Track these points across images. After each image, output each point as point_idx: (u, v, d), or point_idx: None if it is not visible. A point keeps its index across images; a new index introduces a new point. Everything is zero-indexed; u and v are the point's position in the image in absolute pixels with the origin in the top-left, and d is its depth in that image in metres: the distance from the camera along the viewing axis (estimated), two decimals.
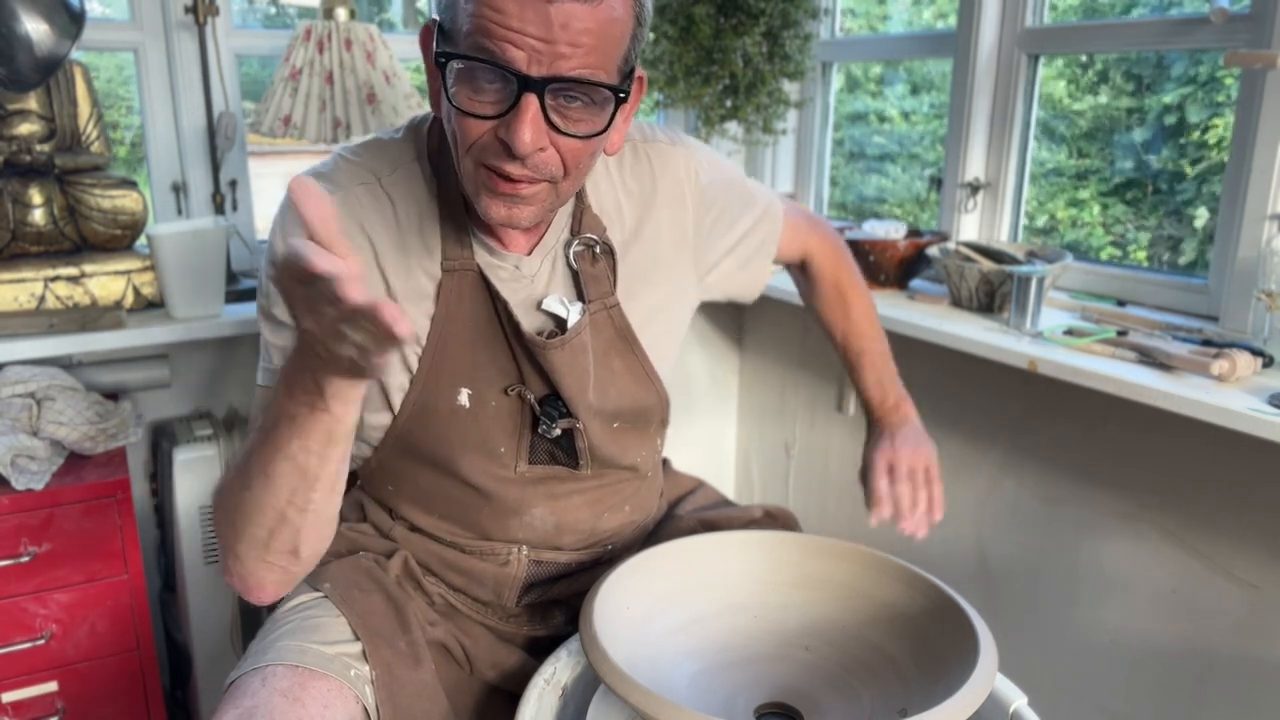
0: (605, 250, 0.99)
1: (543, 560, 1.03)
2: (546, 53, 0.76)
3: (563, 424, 0.97)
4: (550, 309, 0.96)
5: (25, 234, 1.59)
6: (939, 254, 1.67)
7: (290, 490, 0.78)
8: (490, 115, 0.80)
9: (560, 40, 0.75)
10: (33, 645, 1.45)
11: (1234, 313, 1.40)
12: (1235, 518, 1.37)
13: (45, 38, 1.47)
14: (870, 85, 2.25)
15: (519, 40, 0.75)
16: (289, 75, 1.68)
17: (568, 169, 0.84)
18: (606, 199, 1.00)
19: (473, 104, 0.80)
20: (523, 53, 0.76)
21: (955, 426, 1.76)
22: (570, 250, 0.97)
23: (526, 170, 0.81)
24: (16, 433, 1.45)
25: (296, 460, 0.76)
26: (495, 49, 0.76)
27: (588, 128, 0.81)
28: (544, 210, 0.87)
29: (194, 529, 1.68)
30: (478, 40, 0.77)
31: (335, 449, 0.77)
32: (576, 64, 0.77)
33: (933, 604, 0.87)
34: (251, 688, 0.85)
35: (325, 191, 0.66)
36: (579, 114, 0.81)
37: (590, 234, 0.98)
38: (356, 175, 0.94)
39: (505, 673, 1.03)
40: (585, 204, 0.99)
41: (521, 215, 0.86)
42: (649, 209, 1.02)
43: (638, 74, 0.87)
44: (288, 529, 0.81)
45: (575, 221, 0.98)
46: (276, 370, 0.92)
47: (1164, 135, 1.68)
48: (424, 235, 0.94)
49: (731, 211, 1.08)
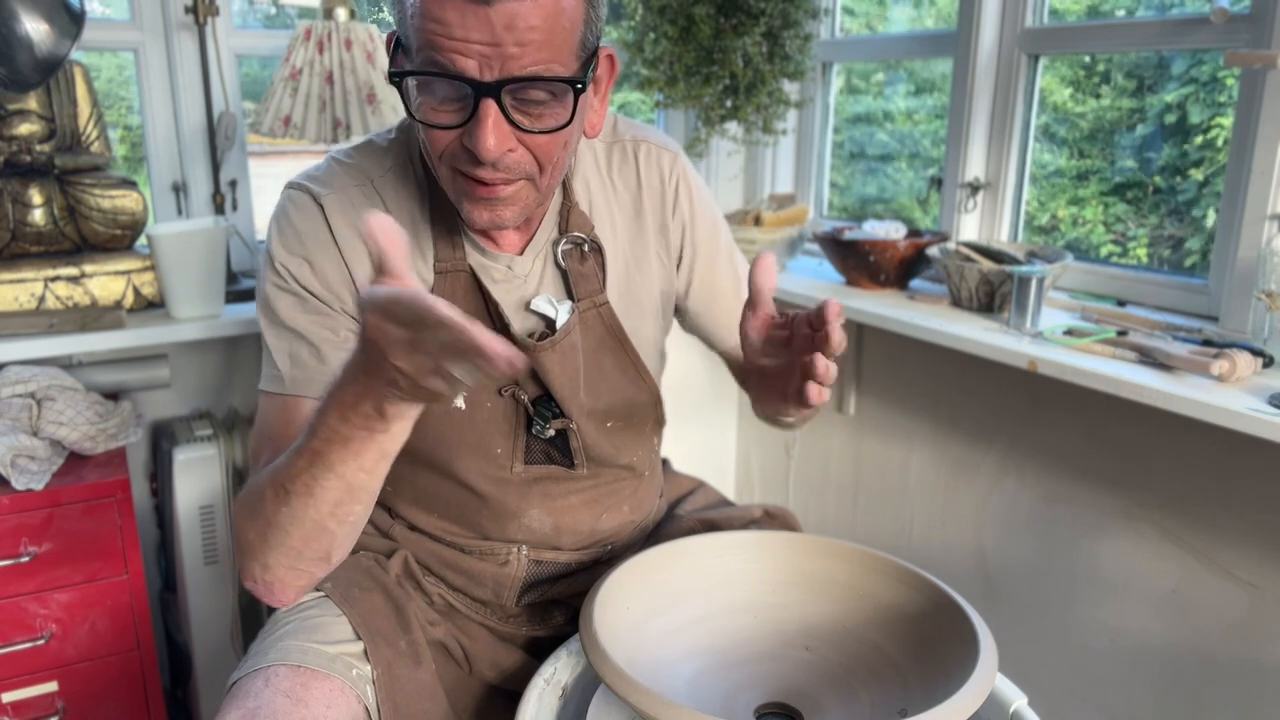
0: (594, 248, 0.99)
1: (542, 560, 1.03)
2: (495, 56, 0.76)
3: (556, 424, 0.97)
4: (539, 309, 0.96)
5: (25, 234, 1.59)
6: (939, 254, 1.67)
7: (334, 504, 0.77)
8: (453, 125, 0.80)
9: (507, 41, 0.75)
10: (33, 645, 1.45)
11: (1234, 313, 1.40)
12: (1235, 517, 1.37)
13: (45, 38, 1.47)
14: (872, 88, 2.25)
15: (465, 49, 0.76)
16: (289, 75, 1.68)
17: (542, 164, 0.84)
18: (595, 197, 1.00)
19: (435, 115, 0.80)
20: (472, 60, 0.76)
21: (955, 427, 1.76)
22: (559, 249, 0.98)
23: (500, 173, 0.82)
24: (16, 433, 1.45)
25: (346, 478, 0.75)
26: (445, 61, 0.76)
27: (552, 121, 0.81)
28: (528, 207, 0.87)
29: (194, 529, 1.68)
30: (428, 54, 0.77)
31: (388, 463, 0.76)
32: (528, 62, 0.77)
33: (933, 604, 0.87)
34: (254, 688, 0.85)
35: (396, 226, 0.65)
36: (540, 110, 0.80)
37: (578, 232, 0.98)
38: (350, 178, 0.94)
39: (505, 673, 1.03)
40: (573, 202, 0.99)
41: (505, 216, 0.86)
42: (636, 206, 1.02)
43: (605, 53, 0.87)
44: (325, 538, 0.80)
45: (563, 219, 0.98)
46: (283, 377, 0.91)
47: (1165, 135, 1.68)
48: (417, 237, 0.94)
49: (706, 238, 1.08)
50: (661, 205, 1.04)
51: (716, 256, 1.09)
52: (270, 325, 0.94)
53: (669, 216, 1.04)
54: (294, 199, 0.94)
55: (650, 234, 1.03)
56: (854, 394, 1.98)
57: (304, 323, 0.92)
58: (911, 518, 1.89)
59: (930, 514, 1.85)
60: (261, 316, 0.95)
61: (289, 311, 0.92)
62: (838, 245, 1.79)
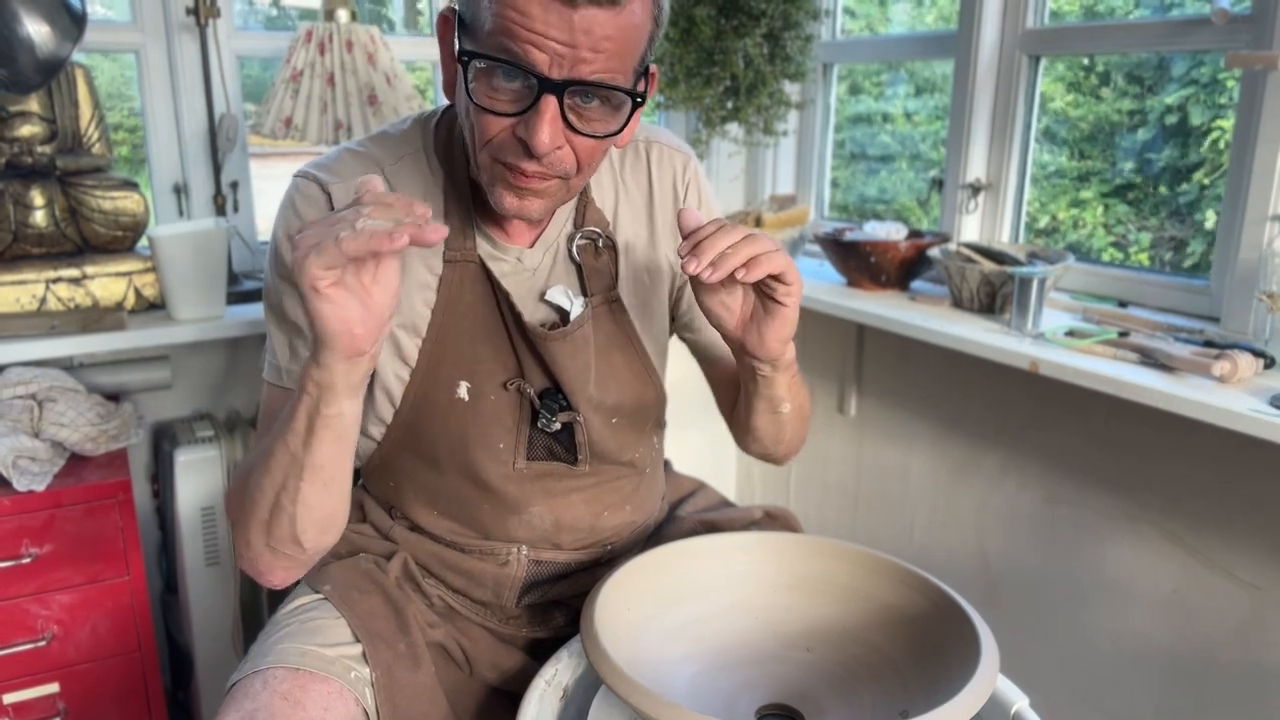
0: (608, 244, 0.99)
1: (542, 560, 1.03)
2: (568, 56, 0.77)
3: (563, 417, 0.97)
4: (554, 300, 0.96)
5: (27, 236, 1.59)
6: (940, 255, 1.67)
7: (284, 476, 0.80)
8: (509, 113, 0.80)
9: (582, 45, 0.76)
10: (34, 646, 1.45)
11: (1235, 314, 1.40)
12: (1236, 518, 1.37)
13: (47, 40, 1.47)
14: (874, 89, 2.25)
15: (542, 43, 0.76)
16: (290, 77, 1.68)
17: (580, 166, 0.85)
18: (608, 194, 1.01)
19: (492, 101, 0.80)
20: (545, 56, 0.77)
21: (956, 427, 1.76)
22: (574, 244, 0.98)
23: (541, 167, 0.82)
24: (18, 434, 1.45)
25: (288, 445, 0.79)
26: (518, 50, 0.77)
27: (603, 128, 0.82)
28: (554, 204, 0.88)
29: (195, 530, 1.68)
30: (500, 40, 0.77)
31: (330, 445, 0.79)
32: (597, 69, 0.78)
33: (934, 605, 0.87)
34: (252, 690, 0.86)
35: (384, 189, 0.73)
36: (595, 114, 0.82)
37: (594, 227, 0.99)
38: (360, 166, 0.95)
39: (506, 674, 1.03)
40: (589, 198, 0.99)
41: (532, 208, 0.87)
42: (648, 206, 1.02)
43: (651, 71, 0.88)
44: (284, 517, 0.82)
45: (579, 215, 0.99)
46: (281, 367, 0.94)
47: (1166, 136, 1.68)
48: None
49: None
50: (674, 206, 1.04)
51: None
52: (273, 314, 0.95)
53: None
54: (301, 188, 0.94)
55: (661, 235, 1.03)
56: (855, 395, 1.98)
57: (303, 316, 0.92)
58: (912, 519, 1.89)
59: (931, 515, 1.84)
60: (266, 303, 0.96)
61: (291, 303, 0.93)
62: (838, 246, 1.79)
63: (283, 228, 0.93)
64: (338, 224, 0.69)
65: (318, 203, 0.93)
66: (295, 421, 0.78)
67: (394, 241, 0.66)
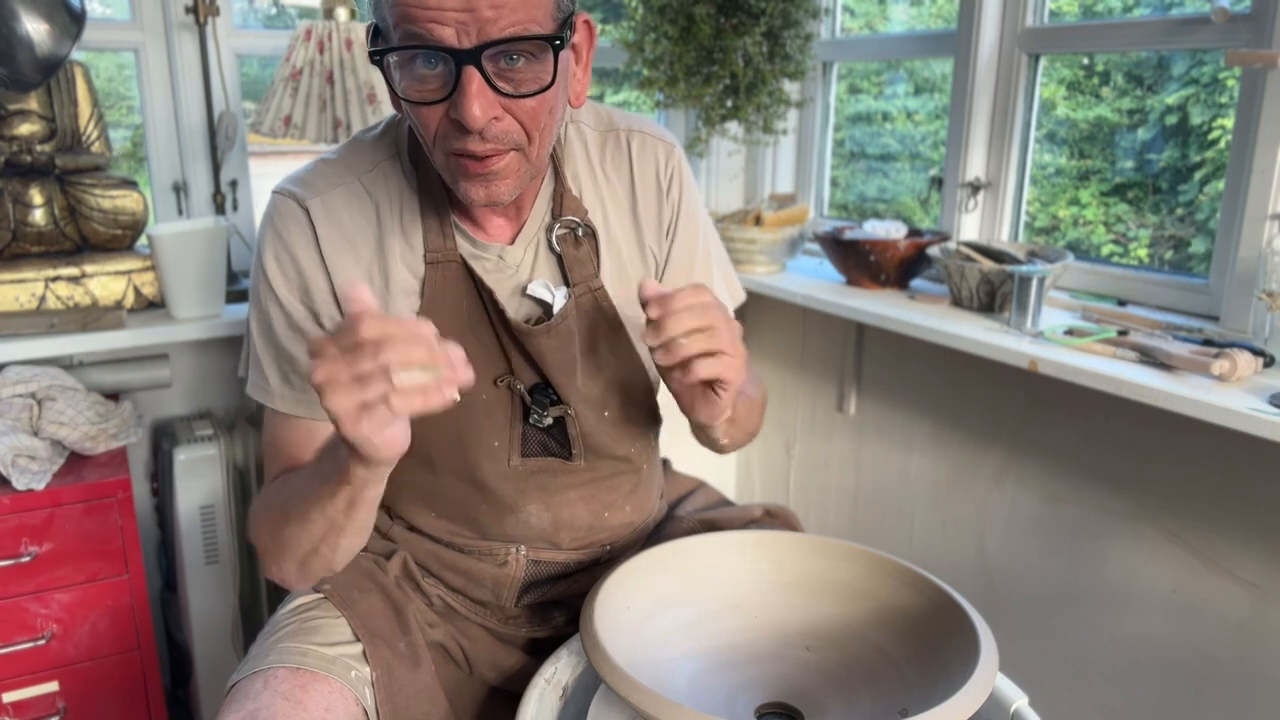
0: (588, 233, 0.99)
1: (541, 560, 1.03)
2: (471, 21, 0.76)
3: (554, 411, 0.97)
4: (535, 293, 0.96)
5: (26, 234, 1.59)
6: (939, 254, 1.67)
7: (323, 534, 0.86)
8: (438, 99, 0.81)
9: (481, 6, 0.76)
10: (34, 645, 1.45)
11: (1235, 312, 1.40)
12: (1236, 517, 1.37)
13: (46, 38, 1.47)
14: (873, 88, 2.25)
15: (440, 16, 0.76)
16: (289, 75, 1.68)
17: (529, 132, 0.84)
18: (585, 183, 1.00)
19: (420, 93, 0.81)
20: (449, 28, 0.77)
21: (956, 426, 1.76)
22: (553, 234, 0.98)
23: (489, 144, 0.82)
24: (17, 433, 1.45)
25: (326, 513, 0.83)
26: (422, 31, 0.77)
27: (534, 84, 0.82)
28: (521, 180, 0.88)
29: (195, 529, 1.68)
30: (404, 29, 0.78)
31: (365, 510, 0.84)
32: (505, 24, 0.77)
33: (933, 604, 0.87)
34: (253, 690, 0.86)
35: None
36: (523, 73, 0.81)
37: (572, 216, 0.98)
38: (335, 177, 0.95)
39: (505, 673, 1.03)
40: (565, 187, 0.99)
41: (500, 191, 0.86)
42: (630, 196, 1.02)
43: (581, 18, 0.87)
44: (321, 560, 0.88)
45: (556, 205, 0.98)
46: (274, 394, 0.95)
47: (1165, 135, 1.68)
48: (405, 230, 0.95)
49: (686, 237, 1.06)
50: (657, 195, 1.02)
51: (693, 258, 1.06)
52: (261, 336, 0.96)
53: (663, 207, 1.03)
54: (279, 205, 0.95)
55: (645, 226, 1.02)
56: (854, 394, 1.98)
57: (291, 340, 0.94)
58: (912, 517, 1.89)
59: (931, 513, 1.85)
60: (252, 315, 0.97)
61: (279, 324, 0.94)
62: (838, 245, 1.79)
63: (267, 248, 0.94)
64: (367, 379, 0.69)
65: (297, 219, 0.93)
66: (336, 499, 0.81)
67: (446, 399, 0.71)
